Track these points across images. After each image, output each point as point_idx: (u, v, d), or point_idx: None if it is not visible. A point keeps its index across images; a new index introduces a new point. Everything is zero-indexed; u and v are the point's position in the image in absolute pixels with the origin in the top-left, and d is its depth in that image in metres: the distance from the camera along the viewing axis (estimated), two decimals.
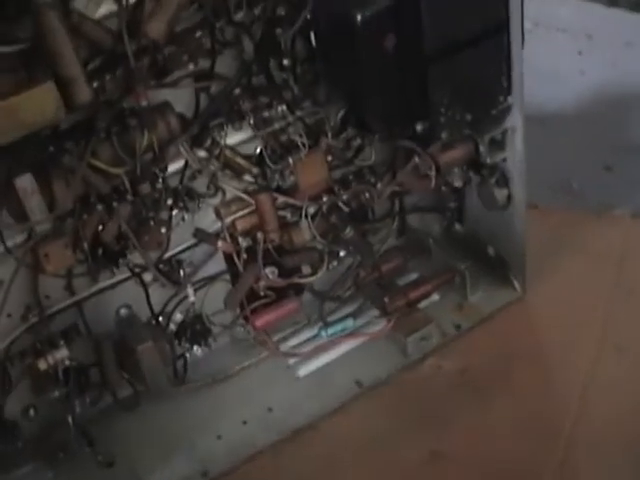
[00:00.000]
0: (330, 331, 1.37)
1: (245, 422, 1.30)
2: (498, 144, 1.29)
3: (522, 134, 1.27)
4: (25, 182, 1.05)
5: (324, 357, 1.36)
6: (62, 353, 1.19)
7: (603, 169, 1.80)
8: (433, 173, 1.24)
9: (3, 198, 1.08)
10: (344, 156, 1.29)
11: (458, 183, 1.35)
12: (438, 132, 1.18)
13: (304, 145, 1.22)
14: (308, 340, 1.38)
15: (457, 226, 1.48)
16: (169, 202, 1.20)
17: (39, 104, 0.96)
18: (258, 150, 1.24)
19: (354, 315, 1.40)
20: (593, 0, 2.25)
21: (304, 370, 1.35)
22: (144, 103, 1.07)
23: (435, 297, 1.42)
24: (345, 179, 1.32)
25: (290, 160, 1.22)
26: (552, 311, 1.41)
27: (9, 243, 1.12)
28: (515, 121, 1.26)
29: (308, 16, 1.14)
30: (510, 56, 1.19)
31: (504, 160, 1.30)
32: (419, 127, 1.18)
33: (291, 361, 1.36)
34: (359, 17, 1.07)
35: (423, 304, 1.40)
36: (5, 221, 1.10)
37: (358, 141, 1.29)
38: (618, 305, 1.39)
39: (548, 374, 1.34)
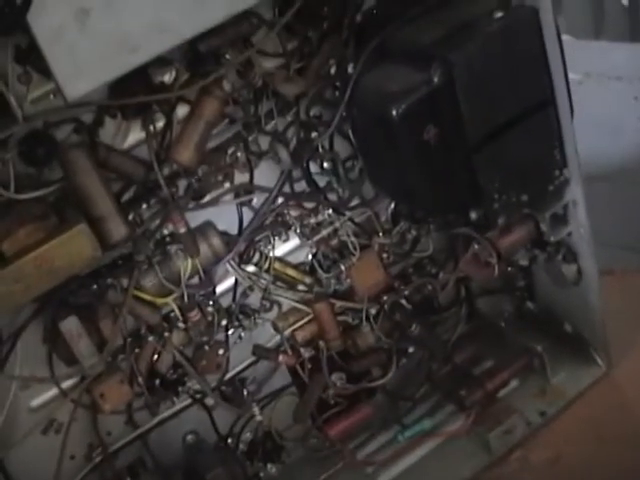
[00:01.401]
0: (407, 434, 1.30)
1: None
2: (560, 219, 1.21)
3: (584, 205, 1.19)
4: (70, 325, 1.01)
5: (403, 462, 1.29)
6: None
7: None
8: (495, 260, 1.17)
9: (51, 343, 1.05)
10: (400, 250, 1.24)
11: (524, 262, 1.28)
12: (494, 218, 1.11)
13: (355, 247, 1.17)
14: (385, 445, 1.31)
15: (529, 305, 1.40)
16: (223, 322, 1.16)
17: (73, 248, 0.93)
18: (309, 257, 1.20)
19: (430, 412, 1.33)
20: None
21: (384, 478, 1.28)
22: (182, 229, 1.04)
23: (514, 384, 1.34)
24: (405, 273, 1.26)
25: (342, 267, 1.17)
26: None
27: (63, 385, 1.09)
28: (575, 193, 1.18)
29: (343, 114, 1.09)
30: (560, 128, 1.13)
31: (569, 234, 1.23)
32: (473, 215, 1.11)
33: (369, 469, 1.29)
34: (394, 112, 1.01)
35: (502, 393, 1.32)
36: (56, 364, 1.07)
37: (413, 233, 1.24)
38: None
39: None
